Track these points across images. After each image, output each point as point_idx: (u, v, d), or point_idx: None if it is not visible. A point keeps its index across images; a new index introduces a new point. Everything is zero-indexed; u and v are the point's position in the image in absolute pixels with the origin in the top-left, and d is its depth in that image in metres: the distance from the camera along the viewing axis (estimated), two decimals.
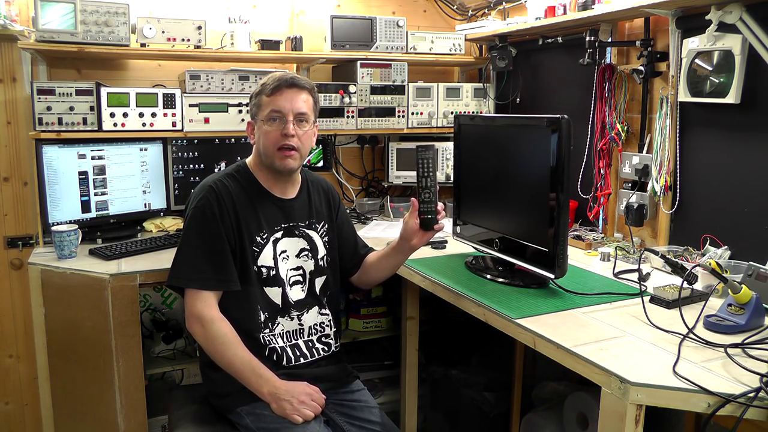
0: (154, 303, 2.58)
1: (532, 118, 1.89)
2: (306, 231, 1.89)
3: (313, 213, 1.92)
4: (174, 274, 1.73)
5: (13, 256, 2.60)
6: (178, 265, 1.73)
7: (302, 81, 1.79)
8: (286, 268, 1.83)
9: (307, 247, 1.88)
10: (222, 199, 1.74)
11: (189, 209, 1.77)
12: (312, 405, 1.68)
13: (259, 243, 1.78)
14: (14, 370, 2.66)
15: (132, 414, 2.01)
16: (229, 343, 1.69)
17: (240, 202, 1.77)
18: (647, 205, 2.20)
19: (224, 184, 1.77)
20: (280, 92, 1.76)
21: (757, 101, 1.84)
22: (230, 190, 1.76)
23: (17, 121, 2.54)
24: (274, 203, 1.84)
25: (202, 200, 1.73)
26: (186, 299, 1.73)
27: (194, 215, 1.73)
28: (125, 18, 2.34)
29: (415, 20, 3.15)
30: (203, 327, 1.69)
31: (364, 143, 3.14)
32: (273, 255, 1.80)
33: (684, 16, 2.01)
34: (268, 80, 1.79)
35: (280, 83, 1.76)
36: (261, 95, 1.78)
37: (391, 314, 2.78)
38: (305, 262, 1.88)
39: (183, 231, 1.78)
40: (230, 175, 1.81)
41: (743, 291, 1.48)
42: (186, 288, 1.72)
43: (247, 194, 1.79)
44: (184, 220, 1.79)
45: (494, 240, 1.96)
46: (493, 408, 2.62)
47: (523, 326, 1.53)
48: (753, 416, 1.16)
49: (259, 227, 1.79)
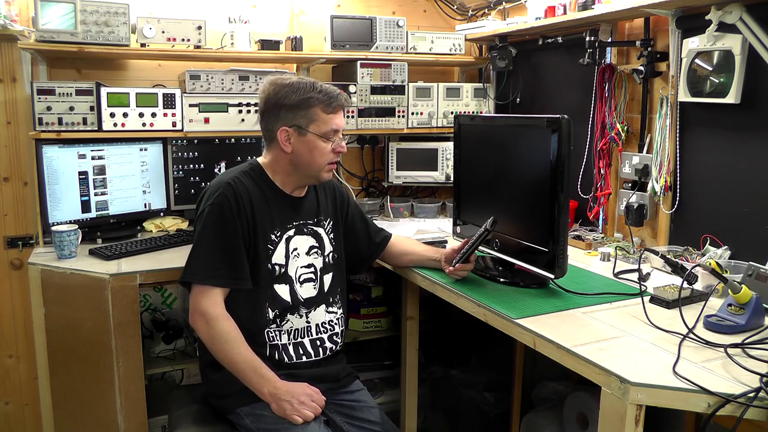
0: (154, 303, 2.58)
1: (532, 118, 1.89)
2: (314, 228, 1.90)
3: (320, 210, 1.93)
4: (190, 271, 1.71)
5: (13, 256, 2.60)
6: (194, 262, 1.72)
7: (345, 98, 1.84)
8: (296, 266, 1.83)
9: (316, 244, 1.89)
10: (240, 196, 1.73)
11: (205, 205, 1.74)
12: (312, 406, 1.68)
13: (274, 241, 1.79)
14: (14, 370, 2.66)
15: (132, 414, 2.02)
16: (233, 342, 1.69)
17: (256, 200, 1.76)
18: (647, 205, 2.20)
19: (241, 181, 1.76)
20: (338, 111, 1.78)
21: (757, 101, 1.84)
22: (247, 188, 1.76)
23: (17, 121, 2.53)
24: (286, 201, 1.84)
25: (220, 196, 1.71)
26: (192, 295, 1.72)
27: (212, 212, 1.71)
28: (125, 18, 2.34)
29: (415, 20, 3.15)
30: (207, 324, 1.69)
31: (364, 143, 3.14)
32: (285, 253, 1.81)
33: (684, 16, 2.01)
34: (318, 94, 1.75)
35: (340, 102, 1.79)
36: (315, 108, 1.75)
37: (391, 314, 2.78)
38: (315, 260, 1.88)
39: (199, 227, 1.74)
40: (245, 173, 1.80)
41: (743, 291, 1.48)
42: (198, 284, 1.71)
43: (263, 192, 1.79)
44: (199, 215, 1.76)
45: (494, 240, 1.96)
46: (493, 408, 2.62)
47: (523, 326, 1.53)
48: (753, 416, 1.16)
49: (272, 225, 1.79)
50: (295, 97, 1.75)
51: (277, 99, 1.76)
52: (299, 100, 1.75)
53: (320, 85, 1.78)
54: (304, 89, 1.75)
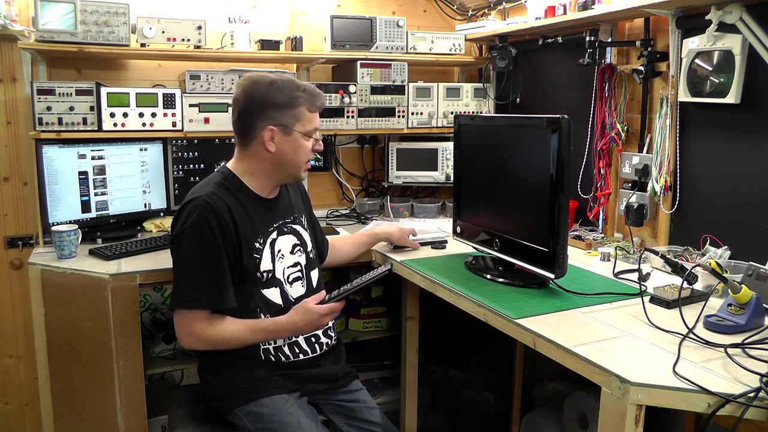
0: (154, 303, 2.57)
1: (532, 118, 1.89)
2: (293, 226, 1.89)
3: (294, 208, 1.93)
4: (178, 299, 1.67)
5: (13, 256, 2.60)
6: (181, 289, 1.67)
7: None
8: (282, 267, 1.82)
9: (298, 242, 1.89)
10: (220, 214, 1.66)
11: (183, 227, 1.66)
12: (329, 316, 1.77)
13: (258, 249, 1.76)
14: (14, 370, 2.66)
15: (132, 414, 2.02)
16: (225, 342, 1.70)
17: (237, 212, 1.71)
18: (647, 205, 2.20)
19: (218, 196, 1.69)
20: (319, 111, 1.79)
21: (757, 101, 1.84)
22: (226, 202, 1.69)
23: (17, 121, 2.54)
24: (263, 205, 1.82)
25: (199, 218, 1.65)
26: (178, 318, 1.69)
27: (191, 234, 1.65)
28: (125, 18, 2.34)
29: (415, 20, 3.15)
30: (198, 339, 1.69)
31: (364, 143, 3.14)
32: (271, 257, 1.79)
33: (684, 16, 2.01)
34: (303, 93, 1.75)
35: (323, 102, 1.80)
36: (301, 107, 1.74)
37: (391, 314, 2.78)
38: (300, 257, 1.88)
39: (180, 251, 1.67)
40: (220, 185, 1.73)
41: (743, 291, 1.48)
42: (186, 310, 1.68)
43: (240, 202, 1.75)
44: (177, 235, 1.68)
45: (494, 240, 1.96)
46: (493, 408, 2.62)
47: (523, 326, 1.53)
48: (753, 416, 1.16)
49: (255, 233, 1.76)
50: (282, 96, 1.72)
51: (264, 98, 1.72)
52: (286, 99, 1.73)
53: (301, 83, 1.78)
54: (290, 88, 1.74)
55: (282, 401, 1.71)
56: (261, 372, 1.74)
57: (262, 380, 1.73)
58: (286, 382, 1.76)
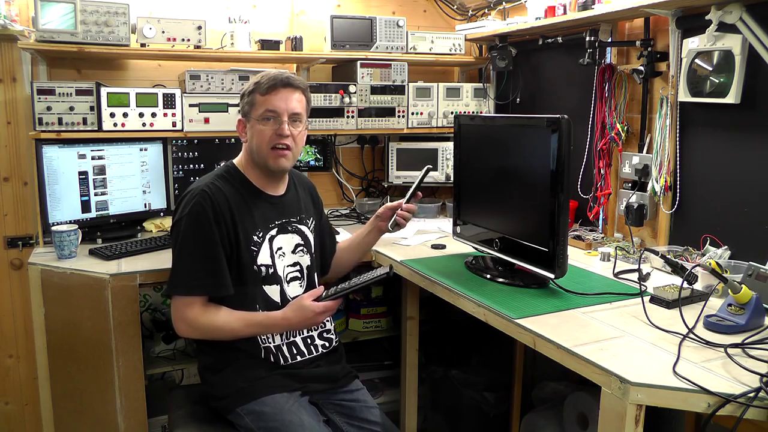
0: (154, 303, 2.57)
1: (532, 118, 1.88)
2: (298, 226, 1.90)
3: (302, 209, 1.93)
4: (173, 284, 1.71)
5: (13, 256, 2.60)
6: (177, 275, 1.71)
7: (297, 80, 1.79)
8: (283, 265, 1.83)
9: (302, 242, 1.89)
10: (216, 203, 1.71)
11: (181, 215, 1.72)
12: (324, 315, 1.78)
13: (256, 242, 1.78)
14: (14, 370, 2.66)
15: (132, 414, 2.02)
16: (217, 330, 1.71)
17: (235, 203, 1.75)
18: (647, 205, 2.20)
19: (217, 187, 1.74)
20: (275, 92, 1.75)
21: (757, 101, 1.84)
22: (224, 193, 1.74)
23: (17, 121, 2.54)
24: (267, 201, 1.83)
25: (196, 206, 1.69)
26: (174, 304, 1.72)
27: (189, 222, 1.69)
28: (125, 18, 2.34)
29: (415, 20, 3.15)
30: (190, 326, 1.71)
31: (364, 143, 3.14)
32: (270, 253, 1.80)
33: (684, 16, 2.01)
34: (262, 79, 1.77)
35: (275, 82, 1.76)
36: (255, 93, 1.77)
37: (391, 314, 2.78)
38: (302, 258, 1.88)
39: (177, 239, 1.72)
40: (221, 177, 1.79)
41: (743, 291, 1.48)
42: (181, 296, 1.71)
43: (241, 195, 1.78)
44: (175, 223, 1.74)
45: (494, 240, 1.96)
46: (493, 408, 2.62)
47: (523, 326, 1.53)
48: (753, 416, 1.16)
49: (254, 226, 1.78)
50: (247, 88, 1.80)
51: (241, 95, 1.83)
52: (247, 90, 1.80)
53: (274, 72, 1.79)
54: (255, 80, 1.78)
55: (284, 400, 1.71)
56: (262, 371, 1.75)
57: (263, 379, 1.74)
58: (287, 381, 1.76)
